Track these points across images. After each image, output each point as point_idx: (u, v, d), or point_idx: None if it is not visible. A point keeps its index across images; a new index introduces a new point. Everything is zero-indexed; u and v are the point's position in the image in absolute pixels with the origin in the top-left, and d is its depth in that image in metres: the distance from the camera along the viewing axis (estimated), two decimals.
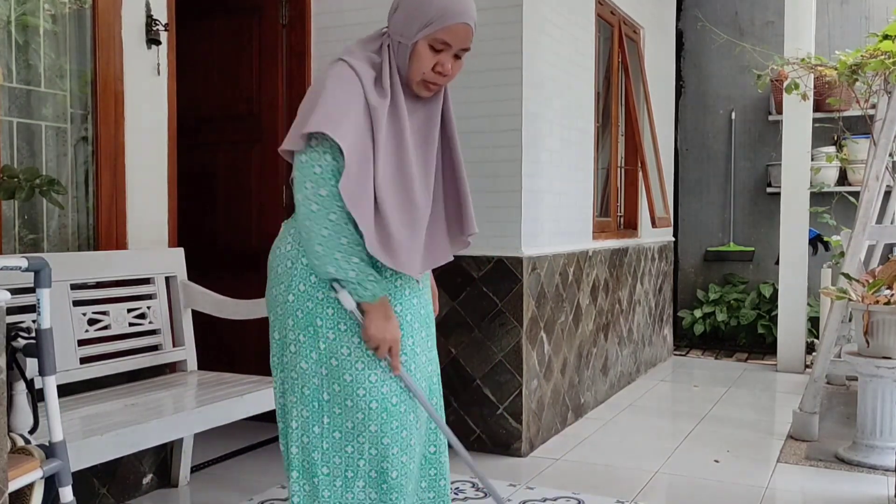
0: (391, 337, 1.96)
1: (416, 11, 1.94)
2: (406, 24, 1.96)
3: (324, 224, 1.92)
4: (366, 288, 1.93)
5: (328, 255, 1.92)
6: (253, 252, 4.34)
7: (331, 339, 2.00)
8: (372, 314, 1.95)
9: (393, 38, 1.99)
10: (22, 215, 2.90)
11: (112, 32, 3.14)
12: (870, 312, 3.63)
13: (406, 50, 1.97)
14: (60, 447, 2.03)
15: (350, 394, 1.99)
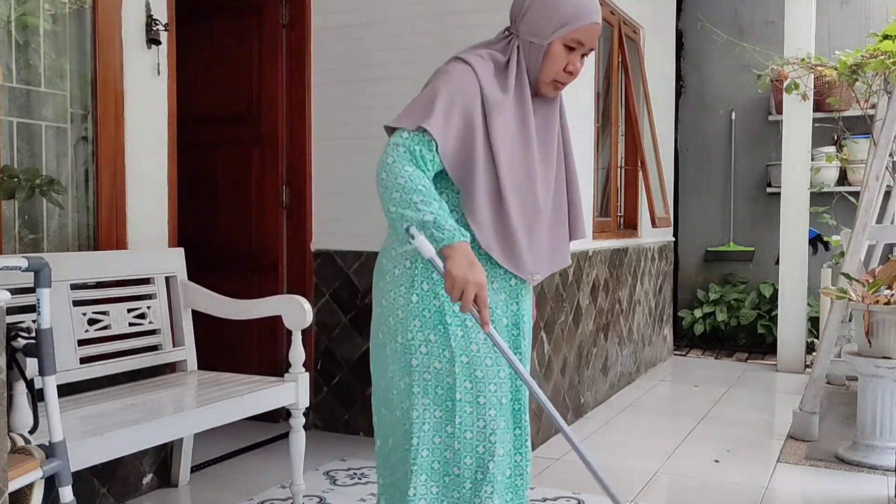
0: (475, 280, 1.81)
1: (550, 12, 1.96)
2: (540, 24, 1.97)
3: (400, 173, 1.86)
4: (444, 229, 1.82)
5: (405, 200, 1.84)
6: (253, 252, 4.35)
7: (460, 336, 1.98)
8: (454, 257, 1.82)
9: (523, 38, 2.00)
10: (22, 215, 2.90)
11: (112, 32, 3.14)
12: (870, 312, 3.64)
13: (539, 50, 1.98)
14: (60, 447, 2.03)
15: (482, 390, 1.98)
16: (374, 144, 4.08)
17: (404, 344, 1.99)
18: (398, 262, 2.01)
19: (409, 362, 1.99)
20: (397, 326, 2.00)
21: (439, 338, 1.97)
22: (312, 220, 4.24)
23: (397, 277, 2.01)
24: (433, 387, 1.98)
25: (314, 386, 4.21)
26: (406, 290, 1.98)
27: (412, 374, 1.99)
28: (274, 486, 3.40)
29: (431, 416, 1.99)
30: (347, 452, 3.87)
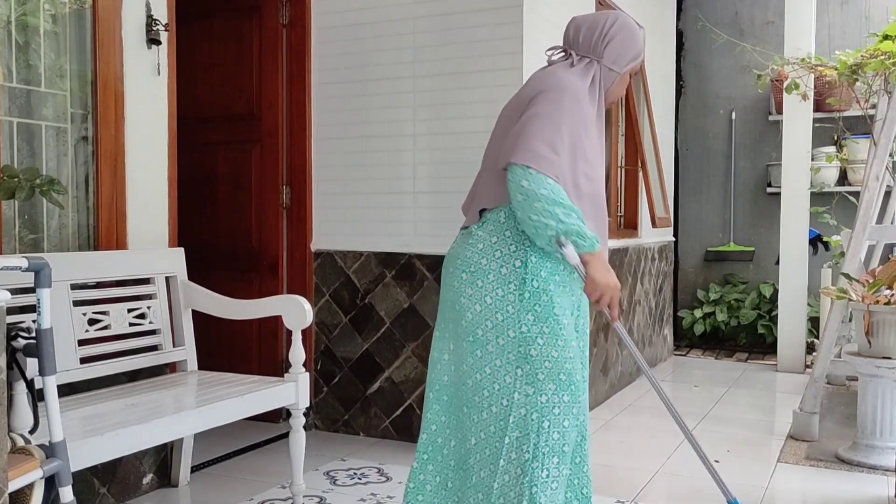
0: (615, 284, 2.17)
1: (628, 47, 2.33)
2: (620, 56, 2.32)
3: (542, 186, 2.08)
4: (586, 237, 2.11)
5: (549, 210, 2.08)
6: (253, 252, 4.34)
7: (567, 325, 2.21)
8: (595, 263, 2.14)
9: (604, 64, 2.32)
10: (22, 215, 2.90)
11: (112, 32, 3.14)
12: (870, 312, 3.63)
13: (615, 75, 2.33)
14: (60, 447, 2.03)
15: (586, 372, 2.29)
16: (375, 144, 4.09)
17: (518, 337, 2.18)
18: (505, 262, 2.21)
19: (527, 353, 2.18)
20: (508, 321, 2.19)
21: (552, 328, 2.18)
22: (312, 220, 4.24)
23: (505, 276, 2.20)
24: (556, 373, 2.18)
25: (314, 386, 4.22)
26: (516, 287, 2.19)
27: (532, 363, 2.18)
28: (274, 486, 3.40)
29: (560, 401, 2.18)
30: (347, 452, 3.87)
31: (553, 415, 2.17)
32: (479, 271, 2.23)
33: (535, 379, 2.18)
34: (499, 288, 2.20)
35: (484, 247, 2.24)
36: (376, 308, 4.09)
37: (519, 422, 2.19)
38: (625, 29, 2.32)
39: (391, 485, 3.42)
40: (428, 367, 2.43)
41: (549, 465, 2.16)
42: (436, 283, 3.94)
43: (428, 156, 3.97)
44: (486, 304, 2.21)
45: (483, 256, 2.23)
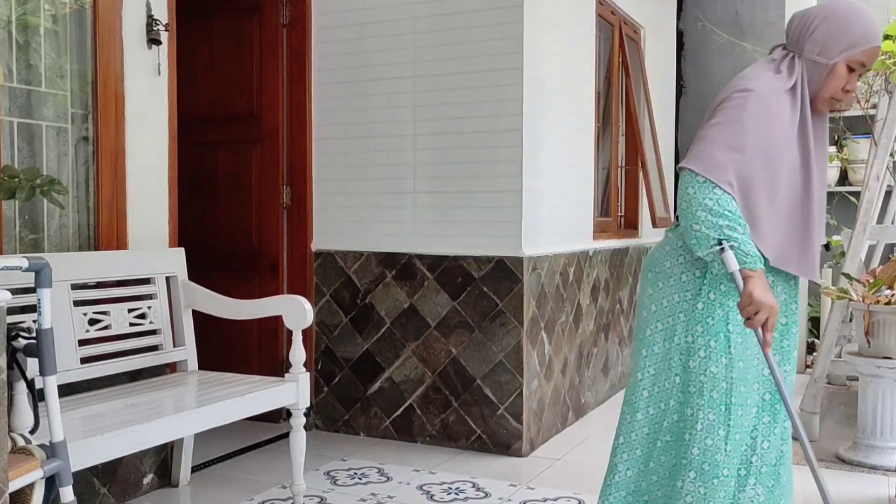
0: (770, 304, 2.00)
1: (839, 33, 2.07)
2: (827, 44, 2.08)
3: (708, 196, 2.01)
4: (748, 253, 2.01)
5: (713, 221, 2.00)
6: (253, 252, 4.35)
7: (739, 343, 2.12)
8: (755, 279, 2.02)
9: (807, 56, 2.11)
10: (22, 215, 2.90)
11: (112, 32, 3.14)
12: (870, 312, 3.63)
13: (823, 69, 2.10)
14: (61, 447, 2.03)
15: (750, 392, 2.14)
16: (375, 144, 4.09)
17: (682, 345, 2.18)
18: (686, 269, 2.19)
19: (686, 363, 2.17)
20: (676, 327, 2.19)
21: (719, 345, 2.12)
22: (313, 220, 4.24)
23: (684, 283, 2.19)
24: (708, 389, 2.13)
25: (314, 386, 4.22)
26: (692, 296, 2.16)
27: (688, 375, 2.17)
28: (274, 486, 3.40)
29: (704, 418, 2.13)
30: (348, 452, 3.87)
31: (695, 430, 2.14)
32: (661, 273, 2.24)
33: (686, 390, 2.17)
34: (676, 293, 2.20)
35: (671, 249, 2.23)
36: (376, 308, 4.09)
37: (672, 426, 2.22)
38: (836, 13, 2.08)
39: (391, 485, 3.42)
40: None
41: (684, 477, 2.17)
42: (436, 283, 3.94)
43: (428, 156, 3.96)
44: (662, 307, 2.22)
45: (668, 259, 2.23)
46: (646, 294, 2.27)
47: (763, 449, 2.17)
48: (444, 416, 3.96)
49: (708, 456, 2.13)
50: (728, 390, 2.12)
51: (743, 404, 2.13)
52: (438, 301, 3.94)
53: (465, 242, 3.89)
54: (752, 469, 2.16)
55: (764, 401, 2.18)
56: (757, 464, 2.17)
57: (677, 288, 2.19)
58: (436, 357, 3.96)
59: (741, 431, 2.14)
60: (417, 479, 3.50)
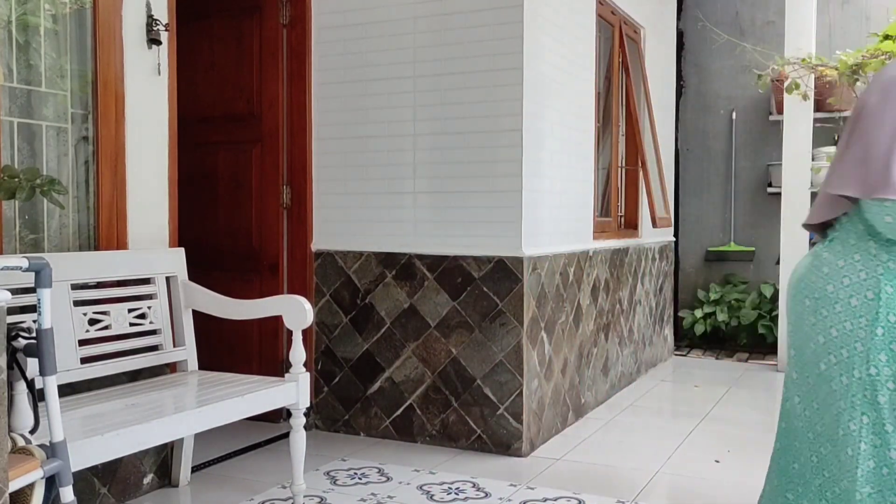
0: None
1: None
2: None
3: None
4: None
5: None
6: (253, 252, 4.35)
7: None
8: None
9: None
10: (23, 215, 2.90)
11: (112, 32, 3.14)
12: None
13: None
14: (61, 447, 2.03)
15: None
16: (375, 144, 4.09)
17: (865, 379, 1.93)
18: (856, 292, 1.97)
19: (874, 399, 1.92)
20: (855, 359, 1.95)
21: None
22: (313, 220, 4.24)
23: (854, 308, 1.96)
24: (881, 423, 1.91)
25: (315, 386, 4.22)
26: (868, 322, 1.93)
27: (880, 412, 1.92)
28: (274, 486, 3.40)
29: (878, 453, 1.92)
30: (348, 452, 3.87)
31: (868, 468, 1.91)
32: (822, 299, 2.01)
33: (883, 430, 1.91)
34: (847, 321, 1.96)
35: (830, 271, 2.02)
36: (377, 308, 4.09)
37: (869, 475, 1.92)
38: None
39: (391, 485, 3.42)
40: None
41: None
42: (436, 283, 3.94)
43: (428, 156, 3.97)
44: (831, 337, 1.99)
45: (829, 282, 2.01)
46: (807, 324, 2.04)
47: None
48: (444, 416, 3.96)
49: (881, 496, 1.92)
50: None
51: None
52: (438, 301, 3.94)
53: (465, 242, 3.89)
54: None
55: None
56: None
57: (847, 314, 1.97)
58: (436, 357, 3.97)
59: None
60: (417, 479, 3.50)
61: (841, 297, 1.98)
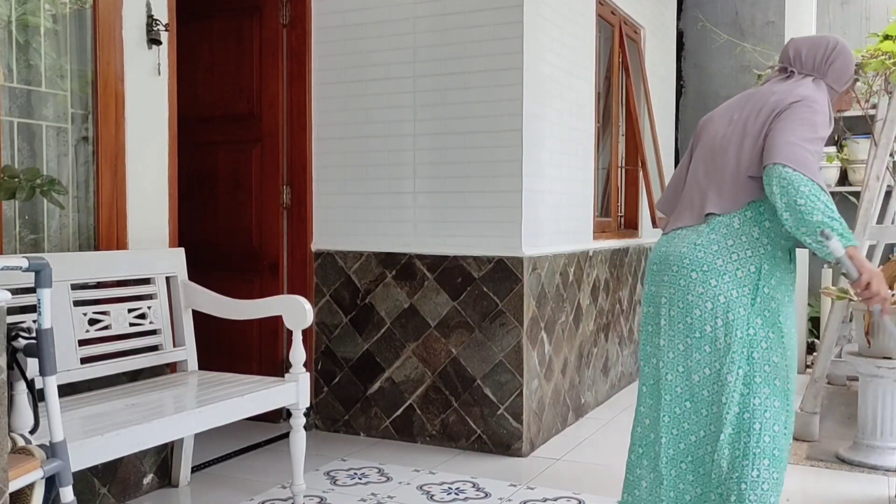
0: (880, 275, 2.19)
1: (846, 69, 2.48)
2: (841, 74, 2.48)
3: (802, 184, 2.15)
4: (849, 235, 2.15)
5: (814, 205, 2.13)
6: (253, 252, 4.34)
7: (789, 334, 2.33)
8: (861, 258, 2.20)
9: (828, 82, 2.46)
10: (22, 215, 2.90)
11: (113, 32, 3.14)
12: (870, 312, 3.63)
13: (835, 94, 2.49)
14: (61, 447, 2.03)
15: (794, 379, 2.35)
16: (375, 144, 4.09)
17: (745, 338, 2.30)
18: (741, 266, 2.32)
19: (750, 355, 2.30)
20: (737, 322, 2.30)
21: (776, 335, 2.31)
22: (313, 220, 4.24)
23: (740, 279, 2.31)
24: (772, 378, 2.30)
25: (314, 386, 4.22)
26: (750, 290, 2.30)
27: (753, 365, 2.30)
28: (274, 486, 3.40)
29: (772, 405, 2.29)
30: (348, 452, 3.87)
31: (764, 418, 2.28)
32: (712, 271, 2.33)
33: (752, 381, 2.29)
34: (734, 289, 2.31)
35: (719, 248, 2.34)
36: (377, 308, 4.09)
37: (733, 420, 2.30)
38: (844, 52, 2.48)
39: (391, 485, 3.42)
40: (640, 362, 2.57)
41: (759, 465, 2.27)
42: (436, 283, 3.94)
43: (428, 156, 3.96)
44: (719, 303, 2.31)
45: (718, 257, 2.33)
46: (693, 293, 2.35)
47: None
48: (444, 416, 3.96)
49: (777, 441, 2.29)
50: (786, 378, 2.31)
51: (794, 390, 2.34)
52: (438, 301, 3.94)
53: (465, 242, 3.89)
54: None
55: None
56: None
57: (734, 284, 2.31)
58: (436, 357, 3.96)
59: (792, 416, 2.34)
60: (417, 479, 3.50)
61: (729, 269, 2.32)
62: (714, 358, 2.33)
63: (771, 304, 2.31)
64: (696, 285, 2.34)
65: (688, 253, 2.38)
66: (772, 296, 2.31)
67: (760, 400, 2.29)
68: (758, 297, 2.30)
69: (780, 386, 2.30)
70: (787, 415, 2.32)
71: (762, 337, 2.30)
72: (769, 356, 2.30)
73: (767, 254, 2.31)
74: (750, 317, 2.30)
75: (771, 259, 2.32)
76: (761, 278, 2.31)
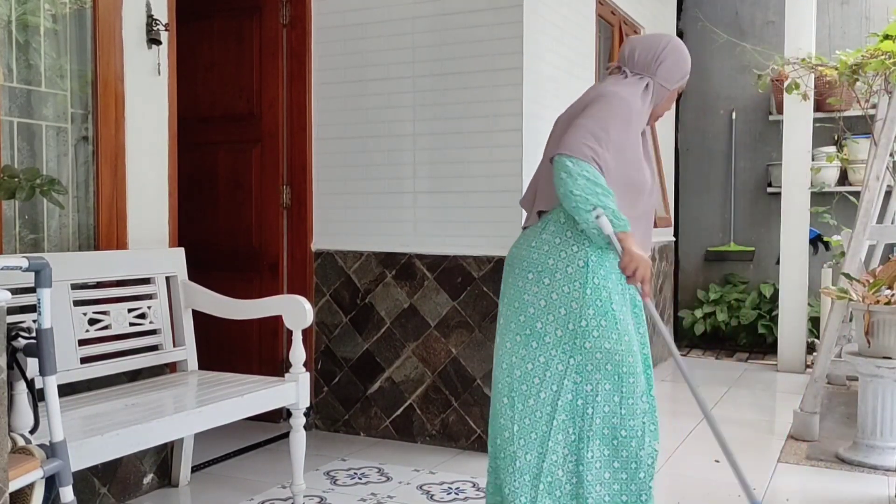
0: (646, 260, 2.32)
1: (678, 67, 2.57)
2: (672, 74, 2.56)
3: (584, 169, 2.28)
4: (620, 219, 2.29)
5: (589, 191, 2.26)
6: (253, 252, 4.35)
7: (623, 320, 2.42)
8: (630, 239, 2.31)
9: (657, 81, 2.55)
10: (22, 215, 2.90)
11: (112, 32, 3.14)
12: (870, 312, 3.63)
13: (665, 93, 2.57)
14: (61, 447, 2.03)
15: (636, 361, 2.44)
16: (375, 144, 4.09)
17: (577, 329, 2.40)
18: (570, 262, 2.42)
19: (582, 345, 2.40)
20: (570, 315, 2.40)
21: (609, 322, 2.39)
22: (313, 220, 4.24)
23: (570, 275, 2.41)
24: (604, 363, 2.40)
25: (314, 386, 4.22)
26: (580, 284, 2.39)
27: (585, 354, 2.40)
28: (274, 486, 3.40)
29: (602, 389, 2.41)
30: (348, 452, 3.87)
31: (595, 402, 2.41)
32: (545, 271, 2.43)
33: (584, 369, 2.41)
34: (565, 285, 2.41)
35: (549, 248, 2.44)
36: (376, 308, 4.09)
37: (566, 405, 2.42)
38: (677, 51, 2.57)
39: (391, 485, 3.42)
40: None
41: (591, 447, 2.42)
42: (436, 283, 3.94)
43: (428, 156, 3.97)
44: (552, 300, 2.42)
45: (549, 257, 2.43)
46: (529, 293, 2.45)
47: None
48: (444, 416, 3.96)
49: (607, 421, 2.43)
50: (620, 362, 2.40)
51: (633, 373, 2.43)
52: (438, 301, 3.94)
53: (465, 242, 3.89)
54: (647, 429, 2.50)
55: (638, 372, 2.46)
56: (651, 425, 2.53)
57: (565, 280, 2.41)
58: (436, 357, 3.97)
59: (633, 397, 2.44)
60: (417, 479, 3.50)
61: (559, 267, 2.42)
62: (540, 352, 2.43)
63: (602, 293, 2.39)
64: (531, 285, 2.45)
65: (525, 255, 2.48)
66: (602, 285, 2.40)
67: (592, 386, 2.41)
68: (588, 288, 2.39)
69: (611, 370, 2.40)
70: (623, 396, 2.42)
71: (594, 326, 2.39)
72: (601, 343, 2.39)
73: (594, 245, 2.40)
74: (582, 309, 2.39)
75: (598, 250, 2.41)
76: (590, 270, 2.39)
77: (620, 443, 2.47)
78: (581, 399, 2.43)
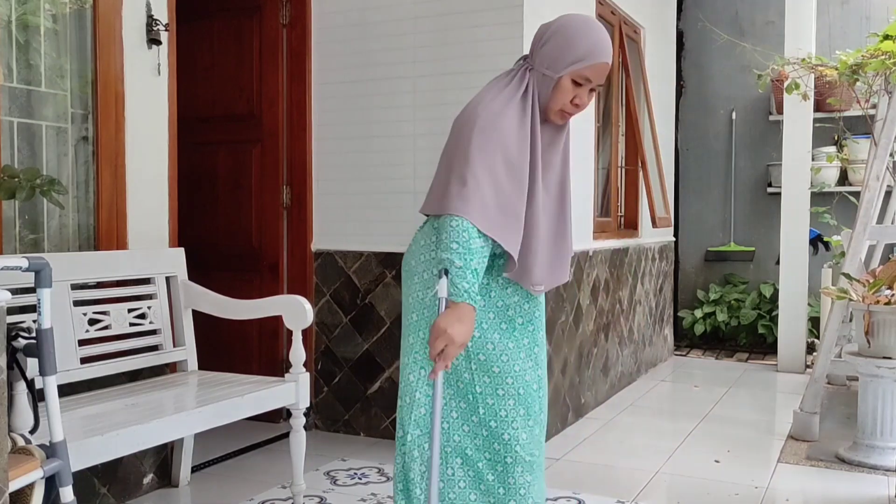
0: (453, 338, 1.93)
1: (566, 49, 2.04)
2: (555, 59, 2.05)
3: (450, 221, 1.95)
4: (459, 287, 1.93)
5: (448, 242, 1.94)
6: (253, 252, 4.34)
7: (477, 337, 2.14)
8: (450, 313, 1.94)
9: (537, 69, 2.08)
10: (22, 215, 2.90)
11: (112, 32, 3.14)
12: (870, 312, 3.63)
13: (550, 82, 2.06)
14: (61, 447, 2.03)
15: (500, 384, 2.16)
16: (375, 144, 4.09)
17: (425, 339, 2.12)
18: (427, 267, 2.16)
19: (425, 356, 2.14)
20: (421, 323, 2.16)
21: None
22: (313, 220, 4.24)
23: (426, 280, 2.16)
24: (454, 381, 2.17)
25: (314, 386, 4.21)
26: (434, 294, 2.09)
27: (428, 367, 2.14)
28: (274, 486, 3.40)
29: (458, 406, 2.18)
30: (348, 452, 3.87)
31: (451, 418, 2.18)
32: (409, 272, 2.23)
33: (434, 382, 2.07)
34: (419, 290, 2.17)
35: (415, 248, 2.22)
36: (377, 308, 4.09)
37: (419, 420, 2.18)
38: (564, 29, 2.06)
39: (391, 485, 3.42)
40: None
41: (453, 464, 2.19)
42: None
43: (428, 156, 3.96)
44: (408, 303, 2.21)
45: (413, 258, 2.22)
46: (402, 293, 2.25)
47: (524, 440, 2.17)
48: None
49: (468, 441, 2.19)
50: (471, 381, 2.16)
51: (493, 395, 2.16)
52: None
53: None
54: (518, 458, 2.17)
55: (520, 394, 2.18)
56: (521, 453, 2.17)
57: (421, 286, 2.17)
58: None
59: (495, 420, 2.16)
60: None
61: (419, 270, 2.18)
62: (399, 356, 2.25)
63: None
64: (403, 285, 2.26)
65: (408, 258, 2.24)
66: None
67: (446, 401, 2.16)
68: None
69: (462, 388, 2.16)
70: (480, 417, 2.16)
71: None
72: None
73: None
74: (430, 318, 2.14)
75: None
76: None
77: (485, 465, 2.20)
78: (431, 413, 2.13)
